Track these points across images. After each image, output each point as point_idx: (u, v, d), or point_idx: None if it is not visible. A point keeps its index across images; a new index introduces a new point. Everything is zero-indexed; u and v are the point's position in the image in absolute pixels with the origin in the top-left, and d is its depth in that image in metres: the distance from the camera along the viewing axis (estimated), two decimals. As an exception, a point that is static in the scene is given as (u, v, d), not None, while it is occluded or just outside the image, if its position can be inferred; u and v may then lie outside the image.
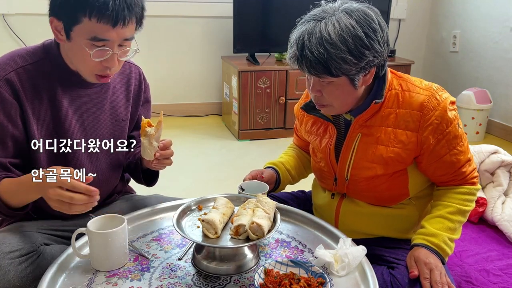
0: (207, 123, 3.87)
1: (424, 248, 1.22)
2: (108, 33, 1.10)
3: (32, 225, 1.30)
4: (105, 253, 1.08)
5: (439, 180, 1.33)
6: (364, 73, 1.19)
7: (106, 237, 1.07)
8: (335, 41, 1.12)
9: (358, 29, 1.12)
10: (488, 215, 1.95)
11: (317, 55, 1.13)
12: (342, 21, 1.13)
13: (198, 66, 3.95)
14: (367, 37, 1.13)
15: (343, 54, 1.12)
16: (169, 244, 1.22)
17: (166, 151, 1.23)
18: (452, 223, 1.26)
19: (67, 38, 1.14)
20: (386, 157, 1.26)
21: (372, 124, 1.27)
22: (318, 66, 1.14)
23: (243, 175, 1.44)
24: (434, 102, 1.22)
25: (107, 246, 1.08)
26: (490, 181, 2.07)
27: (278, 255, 1.18)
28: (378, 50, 1.15)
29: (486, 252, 1.74)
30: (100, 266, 1.10)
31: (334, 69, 1.14)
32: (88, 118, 1.29)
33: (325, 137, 1.36)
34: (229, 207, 1.19)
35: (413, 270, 1.18)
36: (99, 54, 1.13)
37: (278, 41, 3.54)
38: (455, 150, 1.26)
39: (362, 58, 1.14)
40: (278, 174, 1.50)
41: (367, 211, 1.35)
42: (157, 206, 1.36)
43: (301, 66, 1.18)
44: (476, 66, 3.67)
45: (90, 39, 1.11)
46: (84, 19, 1.09)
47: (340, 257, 1.11)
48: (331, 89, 1.21)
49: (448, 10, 3.93)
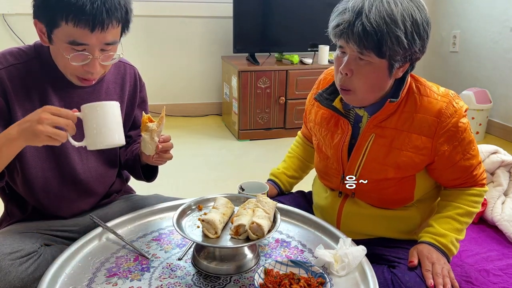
0: (207, 123, 3.87)
1: (432, 246, 1.24)
2: (87, 38, 1.08)
3: (32, 226, 1.30)
4: (99, 125, 1.07)
5: (450, 184, 1.33)
6: (402, 63, 1.18)
7: (99, 107, 1.06)
8: (397, 18, 1.10)
9: (418, 16, 1.13)
10: (488, 215, 1.95)
11: (375, 26, 1.09)
12: (404, 3, 1.12)
13: (198, 66, 3.95)
14: (423, 27, 1.14)
15: (400, 34, 1.10)
16: (169, 244, 1.22)
17: (167, 143, 1.22)
18: (460, 224, 1.28)
19: (49, 41, 1.13)
20: (400, 161, 1.25)
21: (387, 126, 1.25)
22: (370, 39, 1.10)
23: (243, 175, 1.44)
24: (452, 110, 1.22)
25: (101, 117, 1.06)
26: (490, 181, 2.07)
27: (278, 255, 1.18)
28: (424, 44, 1.16)
29: (486, 252, 1.75)
30: (97, 142, 1.08)
31: (385, 47, 1.11)
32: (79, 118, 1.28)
33: (337, 133, 1.33)
34: (229, 207, 1.19)
35: (413, 259, 1.21)
36: (78, 58, 1.11)
37: (278, 41, 3.54)
38: (468, 155, 1.26)
39: (412, 45, 1.14)
40: (279, 186, 1.57)
41: (369, 213, 1.35)
42: (157, 206, 1.36)
43: (350, 35, 1.12)
44: (476, 66, 3.67)
45: (69, 43, 1.09)
46: (62, 23, 1.07)
47: (340, 257, 1.11)
48: (365, 71, 1.17)
49: (448, 10, 3.92)
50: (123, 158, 1.43)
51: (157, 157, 1.24)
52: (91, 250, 1.17)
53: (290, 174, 1.60)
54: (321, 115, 1.39)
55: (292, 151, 1.65)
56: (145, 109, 1.45)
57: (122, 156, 1.43)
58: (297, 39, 3.53)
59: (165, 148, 1.22)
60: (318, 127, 1.40)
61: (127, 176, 1.54)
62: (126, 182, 1.55)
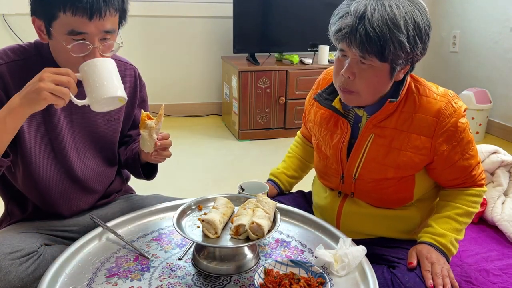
0: (207, 123, 3.87)
1: (431, 247, 1.24)
2: (85, 26, 1.08)
3: (32, 226, 1.30)
4: (101, 78, 1.06)
5: (449, 184, 1.33)
6: (404, 65, 1.18)
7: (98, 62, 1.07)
8: (399, 23, 1.10)
9: (421, 20, 1.13)
10: (488, 215, 1.96)
11: (378, 31, 1.09)
12: (406, 6, 1.12)
13: (198, 66, 3.95)
14: (425, 30, 1.14)
15: (403, 39, 1.10)
16: (169, 244, 1.22)
17: (165, 140, 1.22)
18: (459, 224, 1.29)
19: (48, 36, 1.13)
20: (399, 160, 1.25)
21: (387, 126, 1.25)
22: (373, 44, 1.10)
23: (243, 175, 1.44)
24: (451, 110, 1.22)
25: (101, 70, 1.06)
26: (490, 181, 2.07)
27: (278, 255, 1.18)
28: (425, 46, 1.16)
29: (486, 252, 1.75)
30: (100, 95, 1.07)
31: (388, 52, 1.11)
32: (77, 116, 1.28)
33: (336, 133, 1.33)
34: (229, 207, 1.19)
35: (412, 261, 1.21)
36: (78, 48, 1.11)
37: (278, 41, 3.54)
38: (467, 154, 1.26)
39: (414, 49, 1.14)
40: (279, 186, 1.58)
41: (369, 212, 1.35)
42: (157, 206, 1.36)
43: (352, 40, 1.11)
44: (476, 66, 3.67)
45: (68, 34, 1.09)
46: (60, 13, 1.07)
47: (340, 257, 1.11)
48: (368, 75, 1.17)
49: (448, 10, 3.92)
50: (123, 157, 1.43)
51: (156, 155, 1.24)
52: (91, 250, 1.17)
53: (290, 174, 1.61)
54: (321, 115, 1.39)
55: (292, 151, 1.65)
56: (145, 109, 1.45)
57: (122, 155, 1.43)
58: (297, 39, 3.53)
59: (164, 145, 1.22)
60: (318, 127, 1.40)
61: (127, 176, 1.54)
62: (126, 182, 1.55)
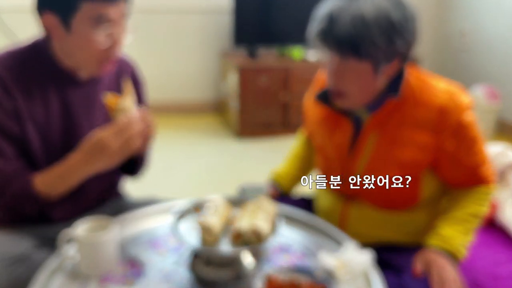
0: (206, 121, 3.84)
1: (439, 252, 1.21)
2: (111, 10, 1.11)
3: (24, 230, 1.28)
4: (94, 258, 1.05)
5: (455, 182, 1.30)
6: (388, 62, 1.16)
7: (95, 242, 1.04)
8: (369, 22, 1.09)
9: (393, 15, 1.11)
10: (496, 217, 1.92)
11: (348, 32, 1.10)
12: (377, 3, 1.11)
13: (196, 63, 3.93)
14: (400, 24, 1.12)
15: (374, 37, 1.10)
16: (164, 248, 1.18)
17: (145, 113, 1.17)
18: (468, 224, 1.26)
19: (67, 31, 1.12)
20: (402, 158, 1.23)
21: (388, 124, 1.23)
22: (345, 45, 1.11)
23: (243, 175, 1.41)
24: (453, 105, 1.19)
25: (96, 251, 1.04)
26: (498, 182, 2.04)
27: (279, 260, 1.14)
28: (407, 39, 1.14)
29: (494, 255, 1.71)
30: (90, 271, 1.06)
31: (363, 51, 1.11)
32: (79, 116, 1.27)
33: (337, 132, 1.31)
34: (228, 210, 1.14)
35: (418, 268, 1.19)
36: (106, 38, 1.14)
37: (278, 37, 3.51)
38: (473, 152, 1.24)
39: (391, 45, 1.12)
40: (281, 187, 1.55)
41: (373, 214, 1.32)
42: (152, 209, 1.32)
43: (327, 42, 1.14)
44: (486, 62, 3.63)
45: (95, 21, 1.10)
46: (82, 3, 1.08)
47: (344, 262, 1.07)
48: (351, 75, 1.17)
49: (457, 5, 3.89)
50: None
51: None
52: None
53: (292, 175, 1.57)
54: (321, 115, 1.36)
55: (293, 151, 1.63)
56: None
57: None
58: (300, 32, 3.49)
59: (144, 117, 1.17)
60: (318, 126, 1.37)
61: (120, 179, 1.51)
62: (120, 185, 1.52)
